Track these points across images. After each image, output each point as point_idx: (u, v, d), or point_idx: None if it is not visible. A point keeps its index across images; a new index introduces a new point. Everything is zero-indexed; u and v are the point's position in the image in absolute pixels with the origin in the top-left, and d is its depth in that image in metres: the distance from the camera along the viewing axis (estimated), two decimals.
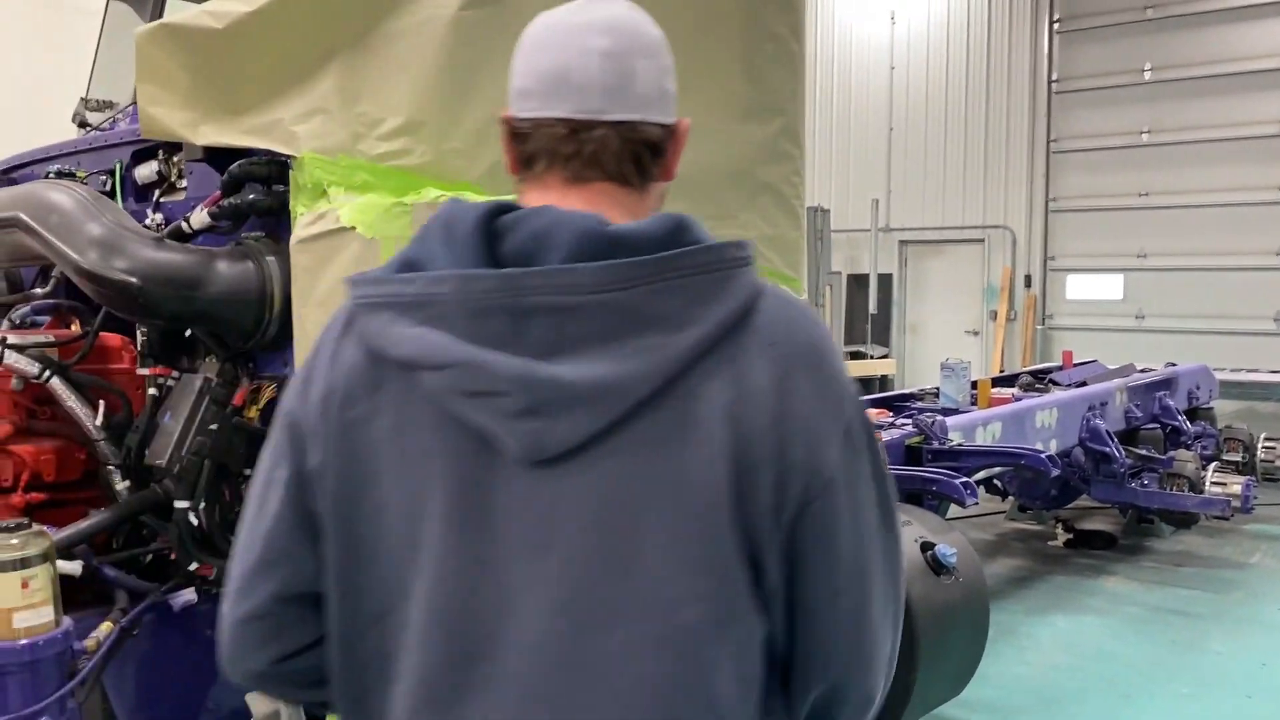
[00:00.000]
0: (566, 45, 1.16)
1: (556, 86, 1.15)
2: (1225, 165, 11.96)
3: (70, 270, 2.20)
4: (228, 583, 1.19)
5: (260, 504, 1.17)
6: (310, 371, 1.15)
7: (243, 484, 2.35)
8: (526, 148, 1.17)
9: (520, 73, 1.18)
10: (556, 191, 1.15)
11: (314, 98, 2.22)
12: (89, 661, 2.11)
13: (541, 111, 1.15)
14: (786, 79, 3.04)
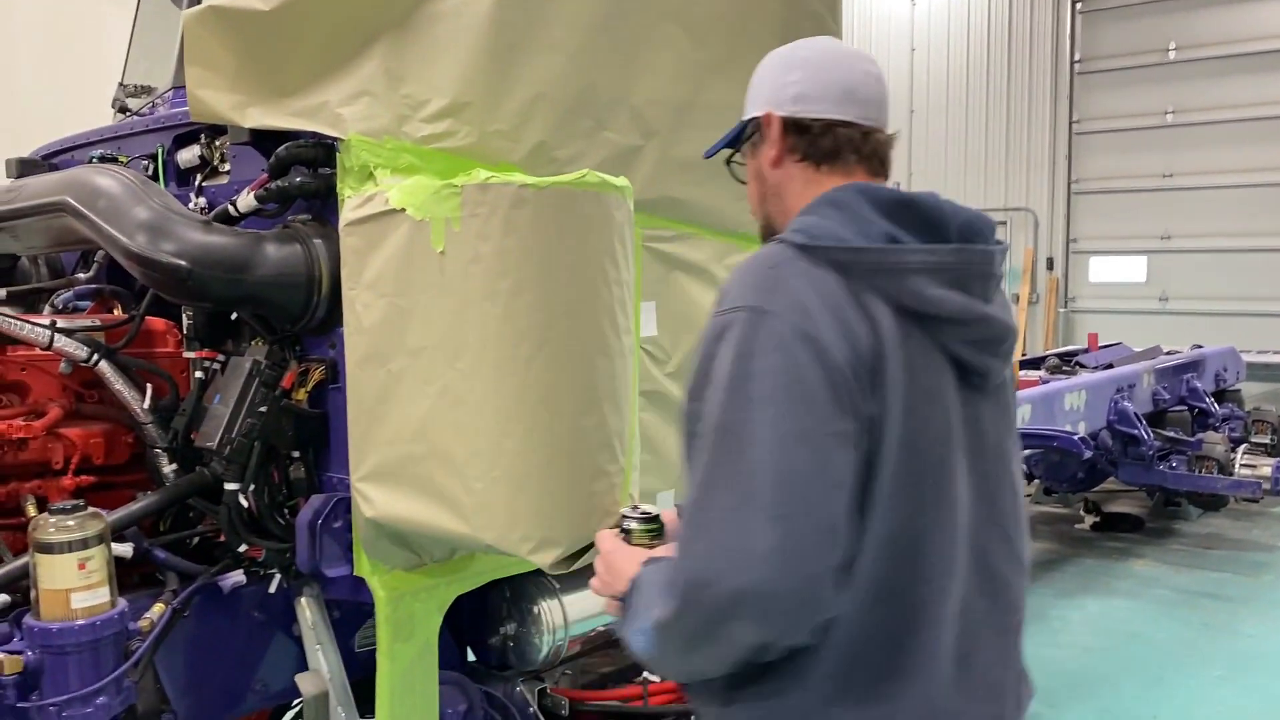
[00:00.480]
0: (850, 68, 1.56)
1: (847, 97, 1.53)
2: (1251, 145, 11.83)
3: (119, 254, 2.21)
4: (751, 512, 1.24)
5: (821, 460, 1.27)
6: (818, 327, 1.30)
7: (290, 466, 2.36)
8: (824, 142, 1.53)
9: (802, 82, 1.54)
10: (863, 180, 1.53)
11: (359, 80, 2.23)
12: (142, 642, 2.13)
13: (837, 114, 1.53)
14: None
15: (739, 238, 2.86)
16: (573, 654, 2.77)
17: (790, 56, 1.58)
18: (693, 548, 1.27)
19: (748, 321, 1.32)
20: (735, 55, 2.77)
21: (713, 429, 1.30)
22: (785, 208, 1.55)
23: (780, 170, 1.56)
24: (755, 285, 1.35)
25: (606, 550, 1.55)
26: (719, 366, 1.32)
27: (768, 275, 1.36)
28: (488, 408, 1.95)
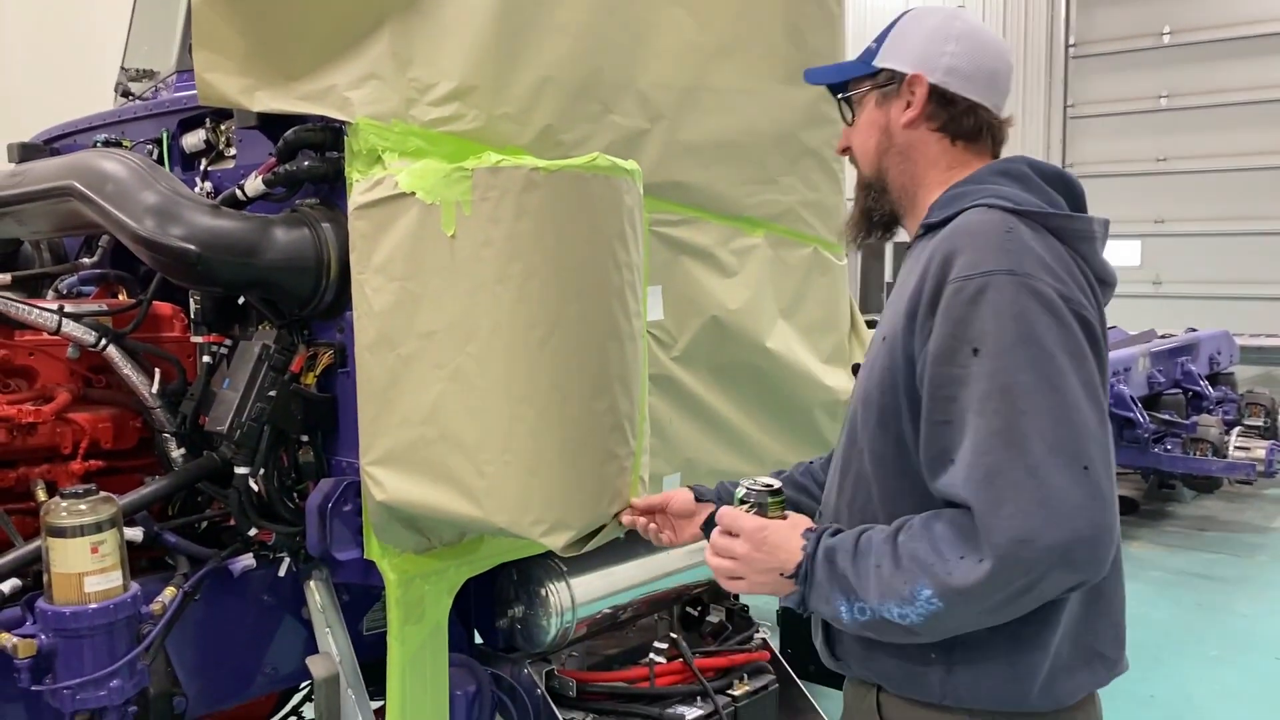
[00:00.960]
0: (999, 56, 1.66)
1: (992, 83, 1.64)
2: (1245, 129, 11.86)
3: (127, 238, 2.20)
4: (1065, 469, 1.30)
5: (1101, 409, 1.37)
6: (1069, 287, 1.41)
7: (299, 450, 2.37)
8: (966, 121, 1.62)
9: (958, 55, 1.61)
10: (990, 160, 1.64)
11: (367, 63, 2.22)
12: (154, 625, 2.13)
13: (979, 98, 1.62)
14: (828, 41, 3.03)
15: (744, 222, 2.87)
16: (580, 636, 2.79)
17: (948, 26, 1.63)
18: (1004, 508, 1.28)
19: (1010, 284, 1.36)
20: (739, 39, 2.78)
21: (1000, 389, 1.33)
22: (914, 171, 1.64)
23: (913, 132, 1.63)
24: (998, 249, 1.40)
25: (754, 528, 1.50)
26: (984, 328, 1.35)
27: (1006, 239, 1.41)
28: (499, 391, 1.95)
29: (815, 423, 3.09)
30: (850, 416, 1.64)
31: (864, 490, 1.57)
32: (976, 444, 1.33)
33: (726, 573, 1.53)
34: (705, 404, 2.78)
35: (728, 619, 3.25)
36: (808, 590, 1.46)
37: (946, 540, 1.34)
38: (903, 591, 1.35)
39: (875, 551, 1.40)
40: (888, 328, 1.55)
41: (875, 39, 1.70)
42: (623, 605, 2.87)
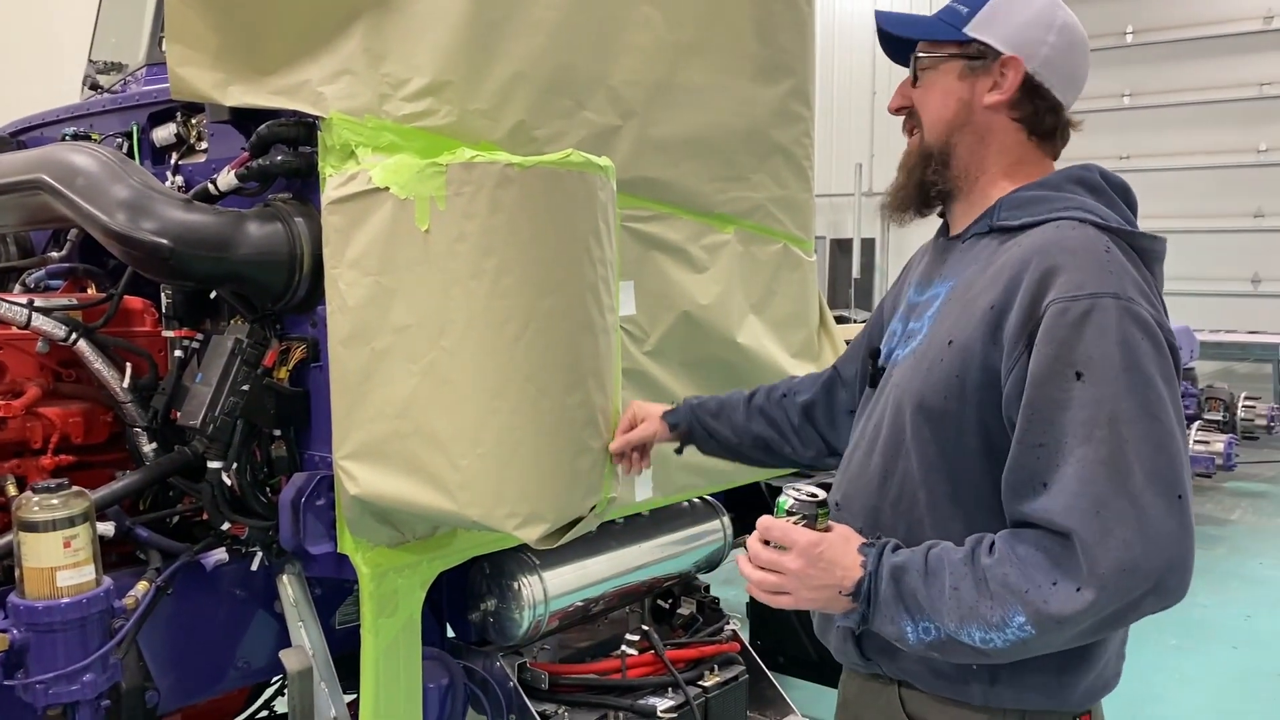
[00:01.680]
0: (1088, 60, 1.63)
1: (1075, 86, 1.61)
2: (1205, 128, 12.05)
3: (98, 232, 2.20)
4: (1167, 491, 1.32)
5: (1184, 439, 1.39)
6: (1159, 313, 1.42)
7: (272, 444, 2.37)
8: (1048, 119, 1.59)
9: (1057, 48, 1.56)
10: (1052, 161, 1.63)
11: (340, 58, 2.23)
12: (126, 620, 2.13)
13: (1063, 97, 1.59)
14: (796, 39, 3.06)
15: (715, 218, 2.90)
16: (552, 629, 2.81)
17: (1053, 14, 1.57)
18: (1110, 538, 1.28)
19: (1115, 309, 1.35)
20: (709, 37, 2.81)
21: (1107, 417, 1.32)
22: (984, 155, 1.59)
23: (995, 116, 1.58)
24: (1101, 270, 1.38)
25: (808, 542, 1.43)
26: (1089, 353, 1.34)
27: (1107, 260, 1.40)
28: (473, 385, 1.97)
29: None
30: (891, 413, 1.58)
31: (910, 493, 1.54)
32: (1081, 472, 1.32)
33: (772, 588, 1.45)
34: (677, 398, 2.81)
35: (698, 611, 3.28)
36: (871, 610, 1.42)
37: (1037, 566, 1.32)
38: (990, 618, 1.33)
39: (951, 573, 1.37)
40: (957, 331, 1.49)
41: (963, 3, 1.61)
42: (595, 598, 2.89)
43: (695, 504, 3.29)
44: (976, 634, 1.35)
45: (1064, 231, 1.45)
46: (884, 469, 1.58)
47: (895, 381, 1.59)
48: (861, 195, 13.82)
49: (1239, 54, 11.88)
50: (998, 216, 1.56)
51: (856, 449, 1.68)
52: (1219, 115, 11.95)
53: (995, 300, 1.44)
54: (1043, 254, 1.42)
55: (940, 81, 1.61)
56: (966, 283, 1.53)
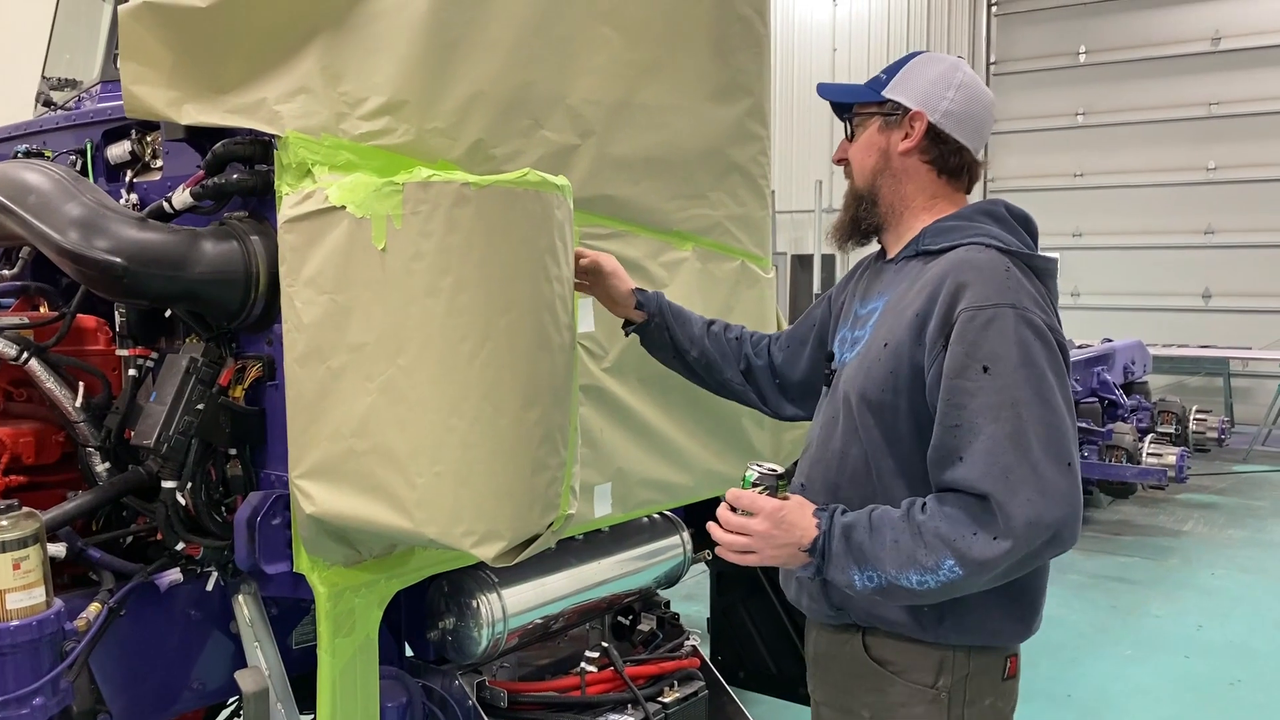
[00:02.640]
0: (988, 110, 1.95)
1: (978, 133, 1.93)
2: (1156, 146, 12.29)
3: (51, 251, 2.18)
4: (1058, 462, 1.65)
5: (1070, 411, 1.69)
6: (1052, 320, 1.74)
7: (228, 463, 2.36)
8: (953, 160, 1.91)
9: (956, 103, 1.89)
10: (964, 194, 1.96)
11: (297, 77, 2.23)
12: (78, 642, 2.11)
13: (966, 141, 1.91)
14: (753, 60, 3.10)
15: (674, 235, 2.92)
16: (511, 646, 2.81)
17: (952, 75, 1.92)
18: (1017, 497, 1.59)
19: (1013, 316, 1.67)
20: (668, 58, 2.83)
21: (1009, 402, 1.63)
22: (903, 193, 1.94)
23: (908, 160, 1.92)
24: (1001, 285, 1.71)
25: (773, 508, 1.73)
26: (995, 350, 1.65)
27: (1006, 277, 1.72)
28: (430, 403, 1.97)
29: (743, 430, 3.16)
30: (843, 405, 1.88)
31: (862, 470, 1.84)
32: (991, 446, 1.62)
33: (740, 547, 1.74)
34: (635, 414, 2.83)
35: (659, 627, 3.29)
36: (825, 562, 1.71)
37: (960, 521, 1.63)
38: (926, 562, 1.63)
39: (891, 528, 1.68)
40: (889, 336, 1.81)
41: (885, 70, 1.97)
42: (554, 615, 2.89)
43: (655, 520, 3.30)
44: (914, 577, 1.65)
45: (972, 254, 1.77)
46: (841, 452, 1.89)
47: (845, 379, 1.91)
48: (822, 211, 13.95)
49: (1188, 74, 12.14)
50: (922, 243, 1.89)
51: (813, 440, 2.00)
52: (1170, 134, 12.19)
53: (919, 309, 1.76)
54: (956, 271, 1.74)
55: (866, 137, 1.97)
56: (898, 297, 1.86)
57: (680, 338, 2.34)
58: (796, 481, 2.00)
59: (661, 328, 2.33)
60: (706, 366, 2.35)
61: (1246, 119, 11.86)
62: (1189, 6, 12.14)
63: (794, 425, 3.26)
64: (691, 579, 3.68)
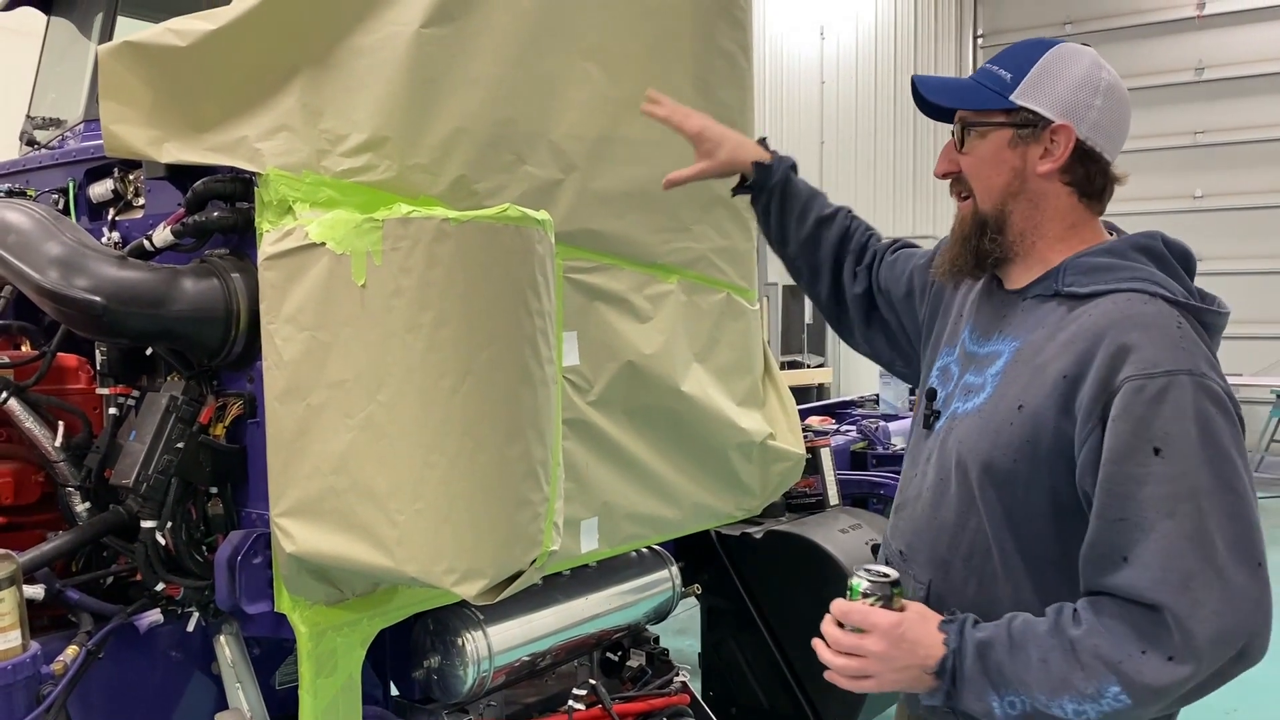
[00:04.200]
0: (1129, 115, 1.62)
1: (1121, 143, 1.61)
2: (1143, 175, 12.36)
3: (30, 290, 2.17)
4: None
5: (1255, 497, 1.41)
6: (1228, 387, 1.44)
7: (208, 502, 2.34)
8: (1098, 182, 1.59)
9: (1103, 111, 1.57)
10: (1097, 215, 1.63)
11: (278, 115, 2.23)
12: (55, 686, 2.08)
13: (1111, 157, 1.59)
14: (736, 95, 3.11)
15: (658, 268, 2.92)
16: (498, 684, 2.78)
17: (1096, 77, 1.58)
18: (1200, 610, 1.33)
19: (1190, 386, 1.39)
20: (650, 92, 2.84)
21: (1187, 491, 1.36)
22: (1039, 220, 1.60)
23: (1047, 183, 1.58)
24: (1175, 347, 1.42)
25: (890, 624, 1.45)
26: (1169, 428, 1.37)
27: (1180, 337, 1.43)
28: (411, 439, 1.96)
29: (731, 464, 3.14)
30: (956, 470, 1.60)
31: (982, 549, 1.57)
32: (1167, 547, 1.35)
33: (854, 672, 1.46)
34: (622, 447, 2.81)
35: (648, 663, 3.26)
36: (956, 687, 1.43)
37: (1124, 636, 1.36)
38: (1084, 689, 1.36)
39: (1038, 645, 1.40)
40: (1027, 396, 1.51)
41: (1004, 67, 1.61)
42: (541, 652, 2.87)
43: (643, 554, 3.28)
44: (1069, 705, 1.37)
45: (1135, 305, 1.47)
46: (955, 524, 1.60)
47: (959, 439, 1.61)
48: None
49: (1173, 104, 12.26)
50: (1063, 282, 1.57)
51: (918, 498, 1.70)
52: (1156, 162, 12.29)
53: (1068, 370, 1.47)
54: (1117, 328, 1.45)
55: (990, 150, 1.61)
56: (1034, 347, 1.55)
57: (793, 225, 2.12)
58: (893, 548, 1.72)
59: (780, 200, 2.12)
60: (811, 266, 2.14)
61: (1232, 147, 11.97)
62: (1173, 38, 12.28)
63: (782, 457, 3.25)
64: (682, 613, 3.65)
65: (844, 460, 4.86)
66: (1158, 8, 12.32)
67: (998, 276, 1.71)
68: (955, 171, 1.67)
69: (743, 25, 3.08)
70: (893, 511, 1.81)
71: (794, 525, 3.52)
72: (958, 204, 1.69)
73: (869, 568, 1.51)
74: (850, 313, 2.08)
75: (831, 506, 3.82)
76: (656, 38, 2.81)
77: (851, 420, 5.68)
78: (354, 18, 2.24)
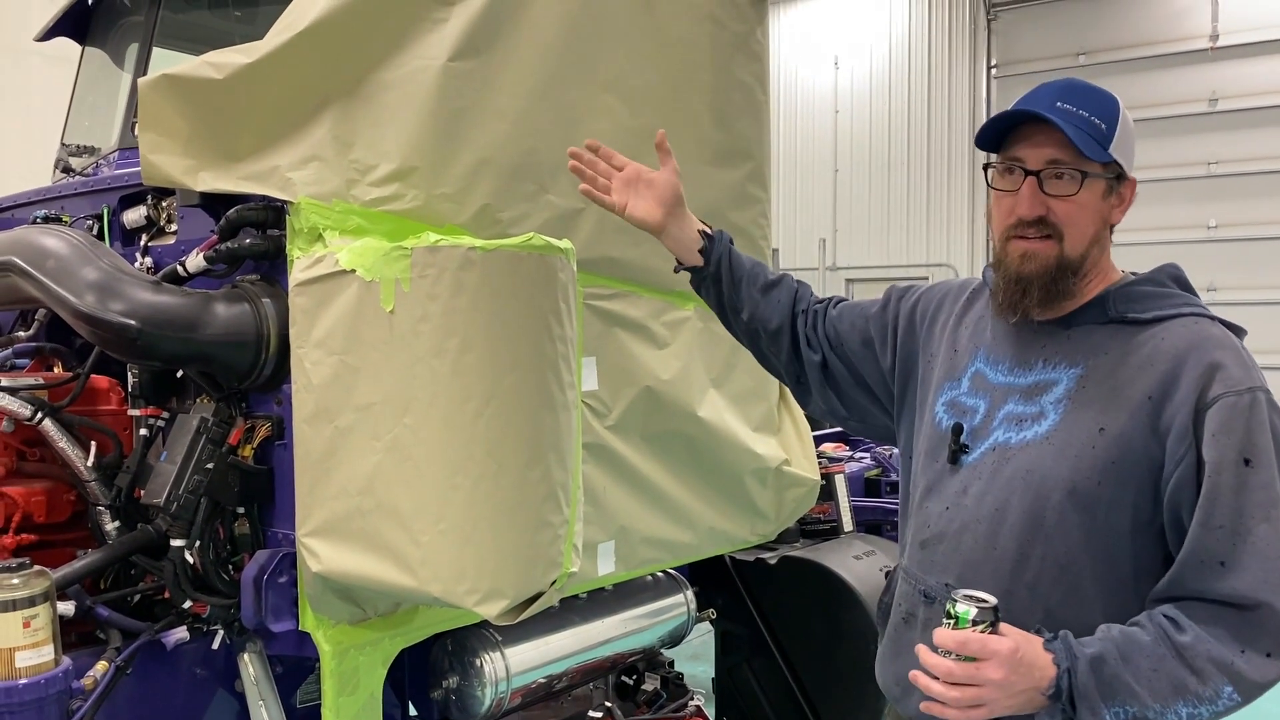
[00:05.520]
0: None
1: None
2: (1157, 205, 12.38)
3: (67, 314, 2.23)
4: None
5: None
6: None
7: (235, 522, 2.39)
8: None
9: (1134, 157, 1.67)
10: None
11: (309, 145, 2.30)
12: (85, 700, 2.12)
13: None
14: (753, 126, 3.17)
15: (675, 295, 2.97)
16: (514, 706, 2.81)
17: (1132, 125, 1.68)
18: None
19: (1265, 401, 1.52)
20: (669, 124, 2.90)
21: (1275, 498, 1.48)
22: (1100, 257, 1.69)
23: (1109, 231, 1.70)
24: (1248, 365, 1.56)
25: (1008, 650, 1.43)
26: (1256, 440, 1.49)
27: (1246, 355, 1.57)
28: (435, 462, 2.00)
29: (746, 489, 3.18)
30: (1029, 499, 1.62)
31: (1051, 576, 1.60)
32: (1265, 550, 1.45)
33: (970, 702, 1.44)
34: (639, 472, 2.85)
35: (663, 687, 3.28)
36: (1073, 703, 1.45)
37: (1226, 640, 1.44)
38: (1202, 692, 1.43)
39: (1146, 654, 1.45)
40: (1108, 419, 1.57)
41: (1096, 115, 1.63)
42: (558, 674, 2.90)
43: (659, 578, 3.31)
44: (1184, 710, 1.44)
45: (1206, 328, 1.60)
46: (1018, 552, 1.63)
47: (1026, 468, 1.63)
48: (826, 270, 14.04)
49: (1187, 134, 12.28)
50: (1116, 308, 1.65)
51: (962, 531, 1.70)
52: (1170, 192, 12.30)
53: (1152, 391, 1.55)
54: (1200, 349, 1.56)
55: (1091, 199, 1.65)
56: (1104, 371, 1.62)
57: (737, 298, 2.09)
58: (937, 580, 1.72)
59: (715, 277, 2.08)
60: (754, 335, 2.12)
61: (1245, 178, 11.98)
62: (1186, 69, 12.32)
63: (797, 483, 3.29)
64: (696, 638, 3.68)
65: (858, 487, 4.88)
66: (1171, 39, 12.38)
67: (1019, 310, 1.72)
68: (1046, 216, 1.64)
69: (759, 58, 3.15)
70: (914, 546, 1.80)
71: (809, 551, 3.55)
72: (1025, 244, 1.66)
73: (969, 594, 1.48)
74: (808, 371, 2.10)
75: (846, 533, 3.84)
76: (676, 70, 2.87)
77: (865, 447, 5.70)
78: (384, 52, 2.31)
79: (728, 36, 3.00)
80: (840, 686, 3.43)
